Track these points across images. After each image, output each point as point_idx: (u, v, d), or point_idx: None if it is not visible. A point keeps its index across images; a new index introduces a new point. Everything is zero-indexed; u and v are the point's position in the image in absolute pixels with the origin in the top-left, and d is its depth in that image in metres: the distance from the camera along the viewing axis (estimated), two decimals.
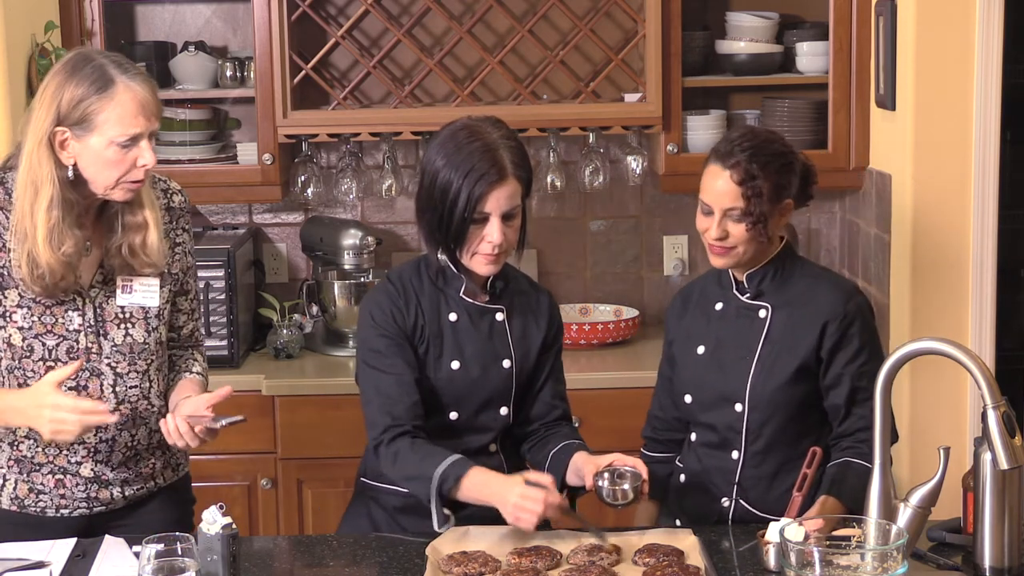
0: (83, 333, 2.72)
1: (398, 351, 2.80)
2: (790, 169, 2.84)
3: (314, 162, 4.33)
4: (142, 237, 2.73)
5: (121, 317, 2.77)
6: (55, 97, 2.60)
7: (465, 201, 2.71)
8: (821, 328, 2.83)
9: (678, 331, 3.01)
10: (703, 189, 2.84)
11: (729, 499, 2.90)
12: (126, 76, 2.61)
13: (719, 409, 2.90)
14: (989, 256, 3.71)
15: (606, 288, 4.52)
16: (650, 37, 4.07)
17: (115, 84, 2.59)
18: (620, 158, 4.37)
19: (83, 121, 2.59)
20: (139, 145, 2.62)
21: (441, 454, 2.70)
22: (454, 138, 2.76)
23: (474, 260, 2.79)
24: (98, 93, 2.59)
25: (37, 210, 2.60)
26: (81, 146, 2.61)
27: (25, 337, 2.70)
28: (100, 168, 2.62)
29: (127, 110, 2.59)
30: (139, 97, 2.61)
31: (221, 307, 4.04)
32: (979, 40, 3.62)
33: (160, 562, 2.29)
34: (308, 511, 4.00)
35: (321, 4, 4.26)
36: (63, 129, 2.60)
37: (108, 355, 2.75)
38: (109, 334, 2.75)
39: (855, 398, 2.83)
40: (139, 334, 2.78)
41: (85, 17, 4.07)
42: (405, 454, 2.73)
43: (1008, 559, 2.50)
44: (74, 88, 2.59)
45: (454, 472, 2.66)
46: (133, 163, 2.63)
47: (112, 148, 2.60)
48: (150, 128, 2.64)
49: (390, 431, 2.75)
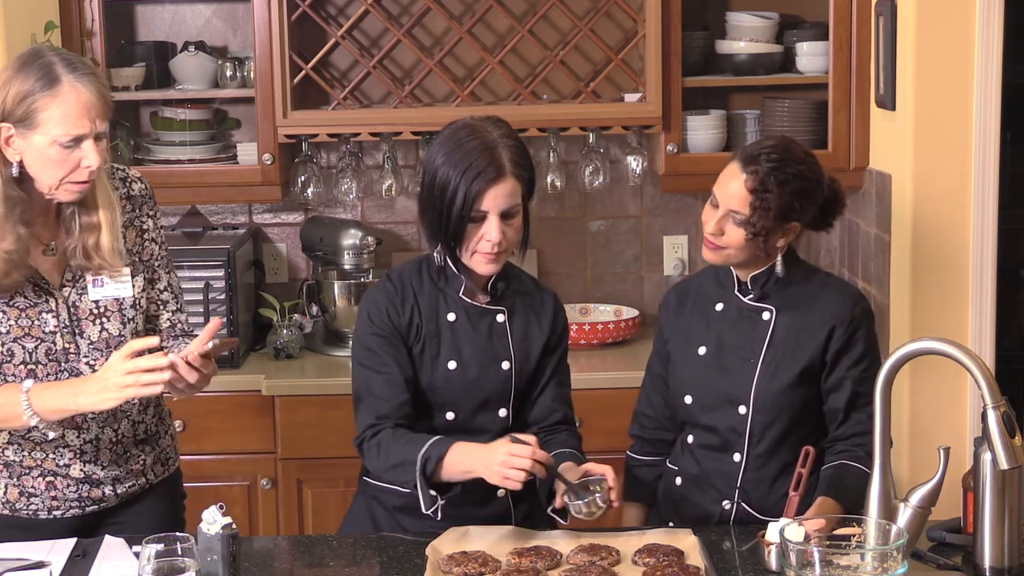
0: (59, 334, 2.70)
1: (391, 351, 2.81)
2: (808, 195, 2.81)
3: (314, 162, 4.33)
4: (95, 238, 2.69)
5: (96, 312, 2.74)
6: (1, 92, 2.56)
7: (463, 198, 2.71)
8: (828, 331, 2.83)
9: (674, 330, 3.00)
10: (718, 182, 2.85)
11: (731, 502, 2.89)
12: (73, 75, 2.56)
13: (721, 411, 2.89)
14: (989, 256, 3.71)
15: (606, 288, 4.52)
16: (650, 37, 4.07)
17: (60, 83, 2.55)
18: (620, 158, 4.37)
19: (27, 118, 2.55)
20: (82, 146, 2.58)
21: (423, 439, 2.70)
22: (454, 136, 2.77)
23: (474, 259, 2.79)
24: (43, 91, 2.54)
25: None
26: (26, 143, 2.58)
27: (4, 342, 2.68)
28: (43, 167, 2.59)
29: (71, 110, 2.55)
30: (84, 98, 2.56)
31: (221, 307, 4.04)
32: (979, 40, 3.62)
33: (160, 562, 2.29)
34: (308, 511, 4.00)
35: (321, 4, 4.26)
36: (8, 125, 2.57)
37: (86, 353, 2.73)
38: (85, 332, 2.72)
39: (855, 403, 2.83)
40: (114, 327, 2.75)
41: (85, 17, 4.07)
42: (387, 444, 2.73)
43: (1008, 559, 2.50)
44: (20, 83, 2.55)
45: (436, 452, 2.66)
46: (77, 164, 2.59)
47: (55, 148, 2.57)
48: (95, 130, 2.59)
49: (371, 428, 2.77)
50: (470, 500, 2.85)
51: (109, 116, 2.62)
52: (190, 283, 3.99)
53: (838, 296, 2.87)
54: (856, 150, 4.11)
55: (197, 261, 4.03)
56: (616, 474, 2.67)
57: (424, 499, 2.67)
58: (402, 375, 2.80)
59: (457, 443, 2.68)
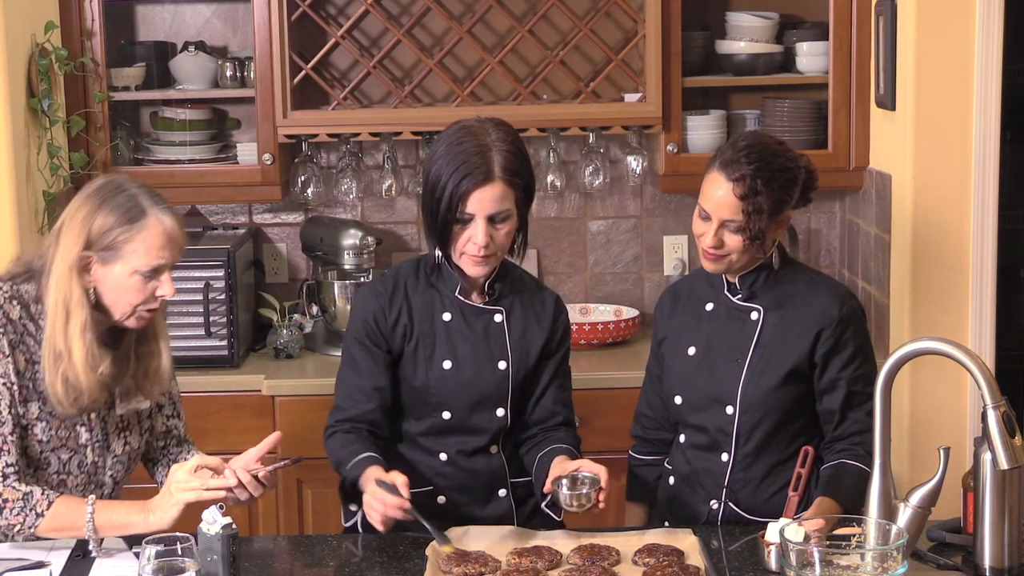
0: (90, 447, 2.76)
1: (367, 358, 2.86)
2: (793, 184, 2.81)
3: (314, 162, 4.33)
4: (156, 364, 2.78)
5: (120, 426, 2.81)
6: (86, 223, 2.64)
7: (449, 199, 2.72)
8: (816, 332, 2.82)
9: (668, 329, 3.00)
10: (703, 195, 2.82)
11: (718, 502, 2.89)
12: (157, 208, 2.66)
13: (709, 411, 2.89)
14: (989, 256, 3.71)
15: (606, 288, 4.51)
16: (650, 37, 4.07)
17: (147, 215, 2.64)
18: (620, 158, 4.37)
19: (111, 248, 2.64)
20: (160, 277, 2.67)
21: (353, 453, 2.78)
22: (452, 136, 2.78)
23: (463, 260, 2.80)
24: (129, 223, 2.63)
25: (72, 333, 2.63)
26: (104, 271, 2.65)
27: (43, 450, 2.72)
28: (120, 294, 2.66)
29: (155, 242, 2.64)
30: (168, 230, 2.66)
31: (221, 307, 4.04)
32: (979, 40, 3.62)
33: (160, 562, 2.30)
34: (308, 511, 4.00)
35: (321, 4, 4.26)
36: (90, 254, 2.64)
37: (111, 466, 2.80)
38: (111, 446, 2.80)
39: (851, 402, 2.83)
40: (135, 440, 2.85)
41: (85, 17, 4.07)
42: (335, 450, 2.85)
43: (1008, 559, 2.50)
44: (106, 215, 2.63)
45: (351, 475, 2.76)
46: (152, 293, 2.67)
47: (135, 277, 2.65)
48: (173, 261, 2.68)
49: (329, 429, 2.88)
50: (472, 500, 2.85)
51: (184, 247, 2.72)
52: (190, 283, 3.99)
53: (826, 296, 2.86)
54: (856, 150, 4.11)
55: (197, 261, 4.02)
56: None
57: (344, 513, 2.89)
58: (371, 383, 2.85)
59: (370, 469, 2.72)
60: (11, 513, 2.60)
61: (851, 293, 2.93)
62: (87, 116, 4.07)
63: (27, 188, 3.77)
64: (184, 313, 4.01)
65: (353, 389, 2.87)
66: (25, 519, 2.60)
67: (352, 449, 2.79)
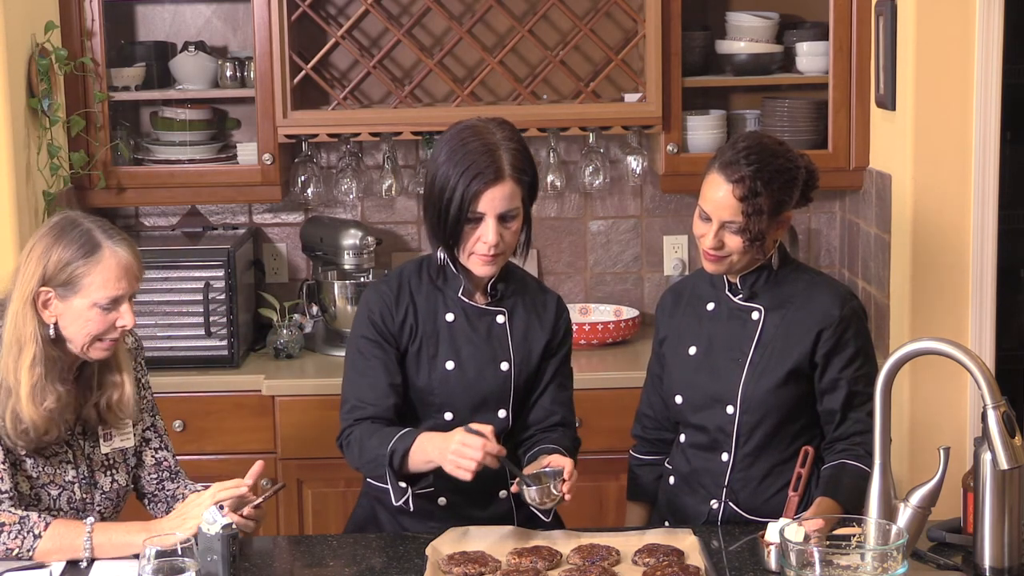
0: (77, 484, 2.78)
1: (379, 355, 2.83)
2: (793, 184, 2.81)
3: (314, 162, 4.33)
4: (118, 395, 2.80)
5: (107, 464, 2.83)
6: (42, 259, 2.67)
7: (460, 199, 2.71)
8: (816, 333, 2.82)
9: (669, 329, 3.00)
10: (703, 196, 2.82)
11: (718, 501, 2.89)
12: (111, 242, 2.69)
13: (710, 410, 2.89)
14: (989, 256, 3.71)
15: (606, 288, 4.52)
16: (650, 37, 4.07)
17: (101, 249, 2.67)
18: (620, 158, 4.37)
19: (68, 283, 2.67)
20: (119, 308, 2.69)
21: (393, 432, 2.72)
22: (457, 136, 2.77)
23: (471, 260, 2.79)
24: (84, 257, 2.66)
25: (21, 367, 2.67)
26: (64, 306, 2.68)
27: (33, 486, 2.74)
28: (80, 328, 2.69)
29: (112, 274, 2.67)
30: (123, 262, 2.69)
31: (221, 307, 4.04)
32: (979, 40, 3.62)
33: (160, 562, 2.30)
34: (308, 511, 4.00)
35: (321, 4, 4.26)
36: (47, 289, 2.67)
37: (99, 503, 2.81)
38: (98, 483, 2.81)
39: (852, 402, 2.83)
40: (122, 478, 2.86)
41: (85, 17, 4.07)
42: (361, 440, 2.77)
43: (1008, 559, 2.50)
44: (61, 251, 2.67)
45: (402, 444, 2.69)
46: (112, 324, 2.70)
47: (95, 310, 2.68)
48: (131, 291, 2.71)
49: (348, 428, 2.81)
50: (472, 501, 2.85)
51: (141, 276, 2.75)
52: (190, 283, 3.99)
53: (827, 296, 2.86)
54: (856, 150, 4.11)
55: (197, 261, 4.03)
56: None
57: (394, 491, 2.70)
58: (387, 380, 2.82)
59: (423, 434, 2.70)
60: (8, 537, 2.61)
61: (852, 293, 2.93)
62: (87, 116, 4.07)
63: (27, 188, 3.77)
64: (184, 313, 4.02)
65: (368, 387, 2.82)
66: (23, 542, 2.61)
67: (389, 431, 2.74)
